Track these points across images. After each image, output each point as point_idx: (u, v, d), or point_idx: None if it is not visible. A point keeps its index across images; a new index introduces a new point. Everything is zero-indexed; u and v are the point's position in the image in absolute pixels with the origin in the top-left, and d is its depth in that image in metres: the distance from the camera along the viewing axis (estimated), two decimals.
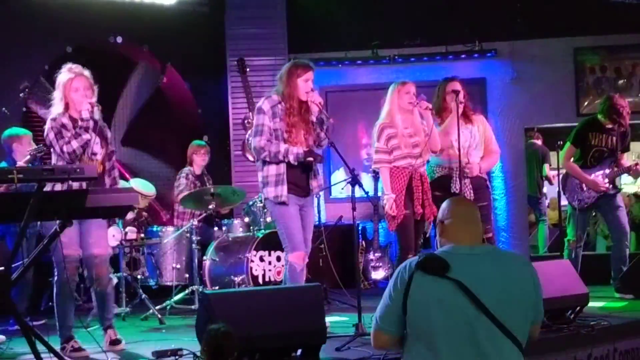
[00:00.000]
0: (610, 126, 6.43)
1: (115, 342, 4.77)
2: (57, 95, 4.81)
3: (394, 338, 2.87)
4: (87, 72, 4.85)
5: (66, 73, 4.80)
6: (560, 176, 6.81)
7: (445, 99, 5.82)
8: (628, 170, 6.49)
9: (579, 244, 6.46)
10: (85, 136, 4.65)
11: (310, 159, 4.92)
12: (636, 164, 6.45)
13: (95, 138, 4.72)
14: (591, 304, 5.14)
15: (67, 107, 4.78)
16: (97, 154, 4.80)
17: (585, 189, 6.42)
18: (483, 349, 2.71)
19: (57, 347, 4.28)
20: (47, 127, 4.74)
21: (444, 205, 3.00)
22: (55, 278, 4.67)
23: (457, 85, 5.80)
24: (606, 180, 6.37)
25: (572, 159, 6.52)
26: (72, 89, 4.75)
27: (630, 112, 6.47)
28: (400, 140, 5.49)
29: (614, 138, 6.44)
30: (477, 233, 2.93)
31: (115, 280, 5.36)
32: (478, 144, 5.84)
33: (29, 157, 5.50)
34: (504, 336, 2.72)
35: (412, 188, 5.48)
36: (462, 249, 2.84)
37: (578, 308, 4.93)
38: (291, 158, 4.87)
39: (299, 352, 4.10)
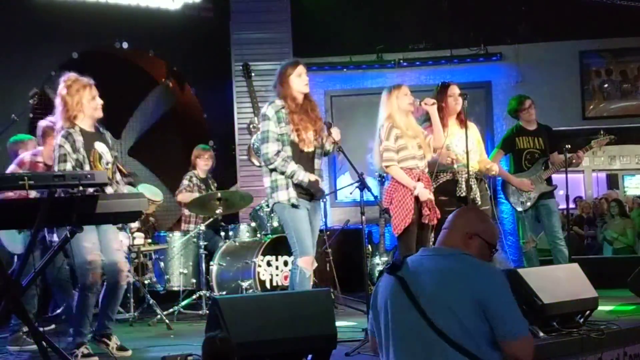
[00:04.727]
0: (533, 128, 6.70)
1: (121, 348, 4.75)
2: (67, 108, 4.68)
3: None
4: (89, 80, 4.81)
5: (76, 83, 4.74)
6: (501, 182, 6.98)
7: (446, 102, 5.82)
8: (570, 163, 6.60)
9: (532, 245, 6.69)
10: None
11: (313, 190, 4.91)
12: (577, 154, 6.61)
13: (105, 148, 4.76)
14: (600, 307, 5.12)
15: (75, 118, 4.70)
16: (109, 162, 4.79)
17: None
18: (425, 353, 2.71)
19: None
20: (60, 137, 4.64)
21: None
22: (79, 285, 4.65)
23: (458, 89, 5.84)
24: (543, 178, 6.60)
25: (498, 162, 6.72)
26: (91, 97, 4.73)
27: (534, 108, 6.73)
28: (407, 141, 5.44)
29: (541, 139, 6.68)
30: (444, 236, 2.92)
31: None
32: (475, 148, 5.86)
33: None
34: (443, 342, 2.66)
35: None
36: (424, 251, 2.89)
37: (587, 312, 4.91)
38: (295, 181, 4.88)
39: (309, 357, 4.09)
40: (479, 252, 2.87)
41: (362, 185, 4.99)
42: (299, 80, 4.98)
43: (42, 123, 5.52)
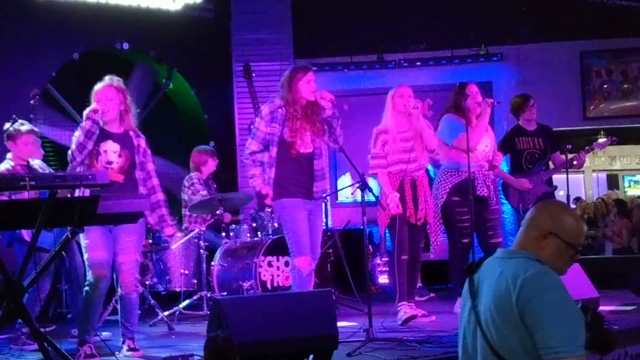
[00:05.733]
0: (533, 128, 6.68)
1: (132, 349, 4.78)
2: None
3: None
4: (115, 82, 4.81)
5: (98, 84, 4.83)
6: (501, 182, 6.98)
7: (467, 101, 5.86)
8: (571, 164, 6.57)
9: None
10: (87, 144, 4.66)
11: (258, 199, 5.00)
12: (579, 155, 6.58)
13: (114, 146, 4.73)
14: (601, 308, 5.13)
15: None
16: (113, 162, 4.74)
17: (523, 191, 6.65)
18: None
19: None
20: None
21: None
22: (86, 282, 4.68)
23: (475, 88, 5.90)
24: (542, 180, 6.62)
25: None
26: (96, 98, 4.75)
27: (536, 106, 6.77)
28: (392, 145, 5.52)
29: (541, 140, 6.67)
30: (519, 235, 2.63)
31: (140, 289, 5.33)
32: (488, 149, 5.96)
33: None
34: (491, 353, 2.49)
35: (403, 192, 5.53)
36: (498, 252, 2.63)
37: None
38: (250, 182, 5.09)
39: (310, 357, 4.09)
40: (555, 254, 2.56)
41: (363, 186, 5.01)
42: (307, 87, 5.00)
43: (6, 126, 5.53)
